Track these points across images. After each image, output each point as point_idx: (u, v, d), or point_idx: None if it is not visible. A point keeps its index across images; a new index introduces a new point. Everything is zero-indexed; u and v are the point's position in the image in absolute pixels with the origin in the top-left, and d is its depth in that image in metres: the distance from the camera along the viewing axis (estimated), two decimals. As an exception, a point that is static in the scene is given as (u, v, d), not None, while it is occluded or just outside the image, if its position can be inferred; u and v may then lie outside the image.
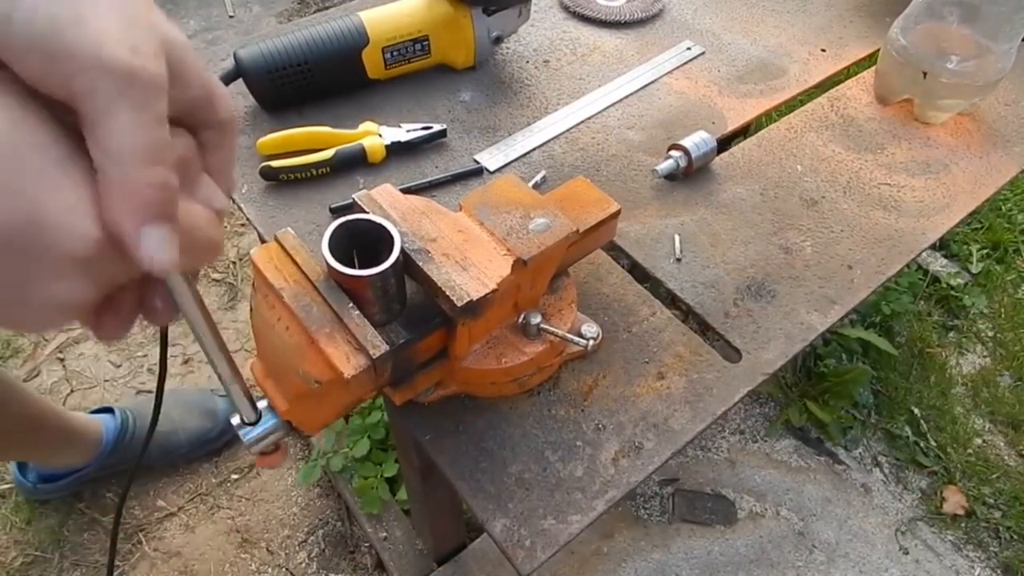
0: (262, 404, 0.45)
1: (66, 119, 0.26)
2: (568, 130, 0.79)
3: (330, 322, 0.42)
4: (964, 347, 1.59)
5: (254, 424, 0.43)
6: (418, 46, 0.79)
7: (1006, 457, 1.42)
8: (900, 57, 0.79)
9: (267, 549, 1.23)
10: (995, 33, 0.75)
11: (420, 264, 0.44)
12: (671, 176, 0.74)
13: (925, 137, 0.81)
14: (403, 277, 0.46)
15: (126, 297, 0.30)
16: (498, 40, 0.83)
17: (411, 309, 0.47)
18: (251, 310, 0.46)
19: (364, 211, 0.47)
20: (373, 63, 0.78)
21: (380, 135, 0.74)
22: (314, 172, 0.70)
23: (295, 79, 0.75)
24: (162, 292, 0.30)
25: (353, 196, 0.47)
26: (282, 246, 0.46)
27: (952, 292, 1.64)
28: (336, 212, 0.67)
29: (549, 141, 0.77)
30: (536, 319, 0.51)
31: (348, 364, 0.41)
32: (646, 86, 0.84)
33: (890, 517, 1.33)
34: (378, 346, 0.42)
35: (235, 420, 0.44)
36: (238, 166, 0.73)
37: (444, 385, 0.53)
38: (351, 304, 0.43)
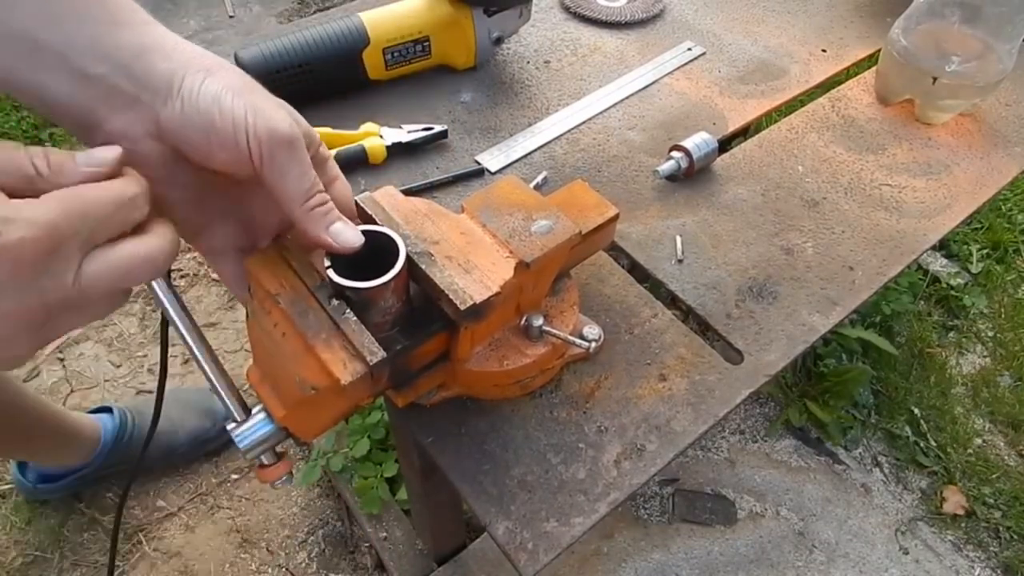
0: (258, 410, 0.44)
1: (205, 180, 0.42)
2: (569, 131, 0.78)
3: (327, 328, 0.42)
4: (964, 347, 1.59)
5: (243, 421, 0.43)
6: (419, 47, 0.79)
7: (1006, 457, 1.42)
8: (901, 58, 0.79)
9: (267, 549, 1.23)
10: (996, 33, 0.75)
11: (423, 267, 0.44)
12: (672, 177, 0.74)
13: (926, 138, 0.81)
14: (408, 281, 0.46)
15: None
16: (499, 41, 0.83)
17: (411, 313, 0.46)
18: (248, 316, 0.46)
19: (367, 215, 0.47)
20: (374, 64, 0.78)
21: (381, 136, 0.73)
22: (315, 173, 0.70)
23: (295, 80, 0.74)
24: None
25: (356, 199, 0.47)
26: (279, 251, 0.45)
27: (952, 292, 1.64)
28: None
29: (550, 142, 0.77)
30: (538, 321, 0.51)
31: (345, 371, 0.41)
32: (647, 87, 0.84)
33: (890, 517, 1.33)
34: (375, 352, 0.41)
35: (231, 426, 0.44)
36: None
37: (446, 387, 0.53)
38: (348, 310, 0.43)
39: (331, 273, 0.42)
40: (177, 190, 0.42)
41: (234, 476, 1.31)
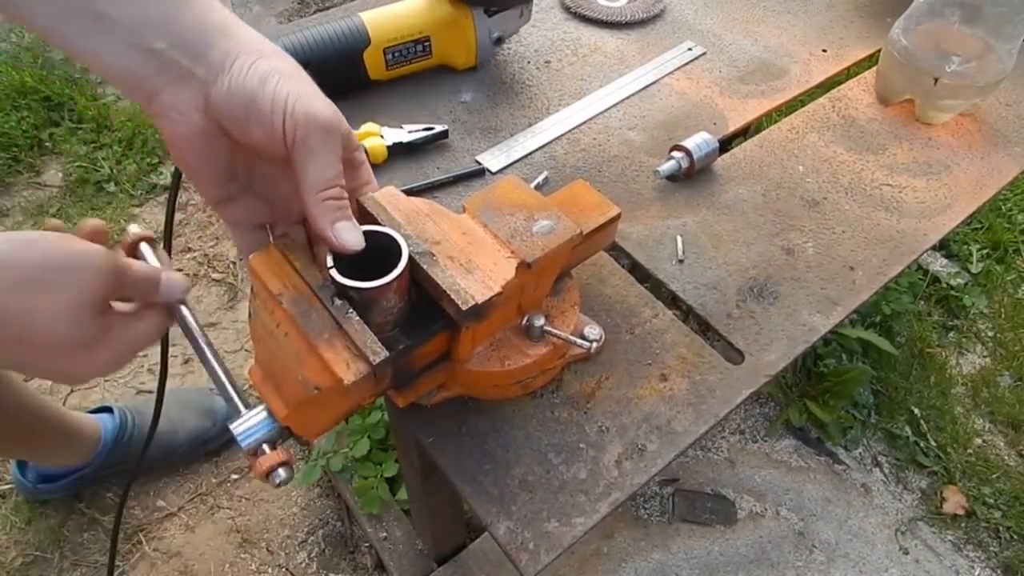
0: (260, 409, 0.44)
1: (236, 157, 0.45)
2: (570, 131, 0.78)
3: (329, 328, 0.42)
4: (964, 347, 1.59)
5: (244, 420, 0.43)
6: (419, 47, 0.79)
7: (1006, 457, 1.42)
8: (901, 57, 0.79)
9: (267, 549, 1.23)
10: (996, 33, 0.75)
11: (425, 267, 0.44)
12: (673, 177, 0.74)
13: (926, 138, 0.81)
14: (410, 281, 0.46)
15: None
16: (499, 41, 0.83)
17: (412, 312, 0.46)
18: (250, 316, 0.46)
19: (370, 215, 0.47)
20: (374, 64, 0.78)
21: (382, 136, 0.73)
22: (316, 173, 0.70)
23: (296, 80, 0.74)
24: None
25: (358, 199, 0.47)
26: (281, 251, 0.45)
27: (952, 292, 1.64)
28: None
29: (551, 142, 0.77)
30: (539, 321, 0.51)
31: (348, 371, 0.41)
32: (647, 87, 0.84)
33: (890, 517, 1.33)
34: (378, 352, 0.41)
35: (233, 424, 0.44)
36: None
37: (447, 387, 0.53)
38: (351, 310, 0.43)
39: (334, 273, 0.42)
40: (213, 162, 0.44)
41: (234, 476, 1.30)
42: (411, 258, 0.44)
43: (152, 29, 0.40)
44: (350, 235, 0.43)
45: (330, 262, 0.43)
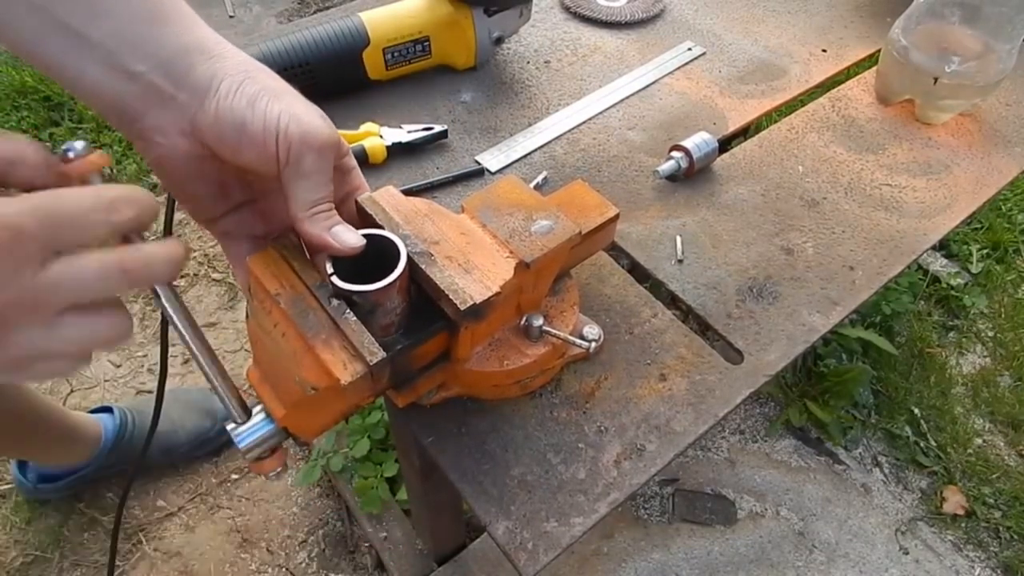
0: (258, 410, 0.44)
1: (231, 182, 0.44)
2: (569, 131, 0.78)
3: (327, 328, 0.42)
4: (964, 347, 1.59)
5: (243, 423, 0.43)
6: (419, 47, 0.79)
7: (1006, 457, 1.42)
8: (901, 58, 0.79)
9: (267, 549, 1.23)
10: (996, 33, 0.75)
11: (423, 267, 0.44)
12: (672, 177, 0.74)
13: (926, 137, 0.81)
14: (409, 282, 0.46)
15: None
16: (499, 41, 0.83)
17: (411, 312, 0.46)
18: (248, 316, 0.46)
19: (368, 215, 0.47)
20: (374, 64, 0.78)
21: (381, 136, 0.73)
22: (315, 173, 0.70)
23: (296, 80, 0.74)
24: None
25: (356, 199, 0.47)
26: (279, 251, 0.45)
27: (952, 292, 1.64)
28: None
29: (550, 142, 0.77)
30: (538, 321, 0.51)
31: (345, 371, 0.41)
32: (647, 87, 0.84)
33: (890, 517, 1.33)
34: (375, 353, 0.41)
35: (231, 426, 0.44)
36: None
37: (446, 387, 0.53)
38: (348, 310, 0.43)
39: (335, 279, 0.42)
40: (202, 184, 0.43)
41: (234, 476, 1.30)
42: (409, 258, 0.44)
43: (131, 50, 0.38)
44: (349, 235, 0.43)
45: (330, 268, 0.43)
